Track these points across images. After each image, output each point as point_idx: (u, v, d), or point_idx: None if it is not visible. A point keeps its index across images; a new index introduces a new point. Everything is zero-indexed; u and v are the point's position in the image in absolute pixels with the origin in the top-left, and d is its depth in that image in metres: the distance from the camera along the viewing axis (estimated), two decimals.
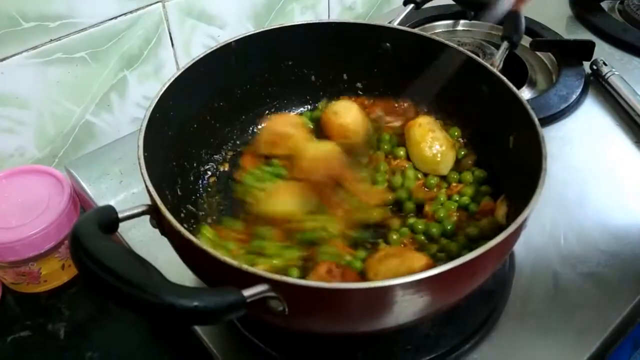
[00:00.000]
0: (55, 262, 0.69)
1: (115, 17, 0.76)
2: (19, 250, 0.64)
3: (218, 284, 0.40)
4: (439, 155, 0.66)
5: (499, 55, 0.69)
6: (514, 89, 0.60)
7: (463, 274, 0.45)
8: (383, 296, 0.43)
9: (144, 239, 0.67)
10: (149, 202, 0.49)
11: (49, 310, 0.69)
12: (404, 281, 0.41)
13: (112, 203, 0.47)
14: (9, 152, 0.76)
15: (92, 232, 0.41)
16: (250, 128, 0.74)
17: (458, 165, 0.69)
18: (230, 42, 0.66)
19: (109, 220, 0.45)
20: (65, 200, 0.67)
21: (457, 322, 0.58)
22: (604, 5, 1.07)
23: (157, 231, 0.51)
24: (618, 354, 0.61)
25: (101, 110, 0.82)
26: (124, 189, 0.74)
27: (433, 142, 0.66)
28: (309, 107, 0.77)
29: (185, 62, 0.62)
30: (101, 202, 0.72)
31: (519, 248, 0.65)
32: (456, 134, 0.70)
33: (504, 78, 0.61)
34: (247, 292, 0.40)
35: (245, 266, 0.42)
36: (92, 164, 0.78)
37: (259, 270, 0.41)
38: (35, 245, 0.65)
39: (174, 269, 0.48)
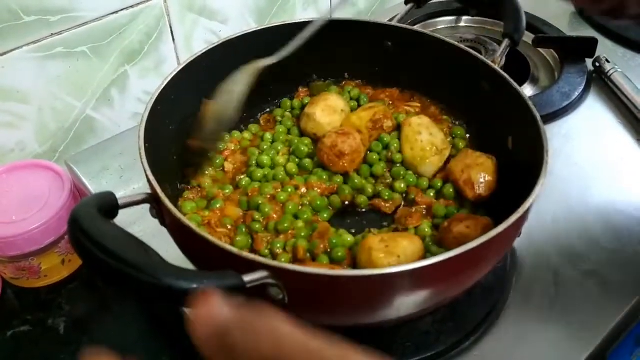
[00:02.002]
0: (56, 257, 0.69)
1: (117, 12, 0.76)
2: (19, 245, 0.64)
3: None
4: (418, 158, 0.66)
5: (500, 52, 0.69)
6: (516, 85, 0.60)
7: (465, 263, 0.45)
8: (384, 284, 0.43)
9: (145, 235, 0.66)
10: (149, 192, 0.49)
11: (49, 305, 0.69)
12: (406, 269, 0.41)
13: None
14: (10, 147, 0.76)
15: (91, 214, 0.41)
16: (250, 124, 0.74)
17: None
18: (232, 39, 0.66)
19: (108, 205, 0.45)
20: (65, 195, 0.67)
21: (457, 318, 0.58)
22: None
23: (158, 226, 0.51)
24: (619, 351, 0.61)
25: (102, 105, 0.82)
26: (125, 184, 0.74)
27: (416, 144, 0.66)
28: None
29: (186, 57, 0.63)
30: None
31: (519, 244, 0.65)
32: (459, 133, 0.70)
33: (506, 75, 0.61)
34: (247, 278, 0.40)
35: (245, 253, 0.42)
36: (93, 159, 0.78)
37: (259, 257, 0.42)
38: (35, 240, 0.65)
39: (175, 263, 0.48)
